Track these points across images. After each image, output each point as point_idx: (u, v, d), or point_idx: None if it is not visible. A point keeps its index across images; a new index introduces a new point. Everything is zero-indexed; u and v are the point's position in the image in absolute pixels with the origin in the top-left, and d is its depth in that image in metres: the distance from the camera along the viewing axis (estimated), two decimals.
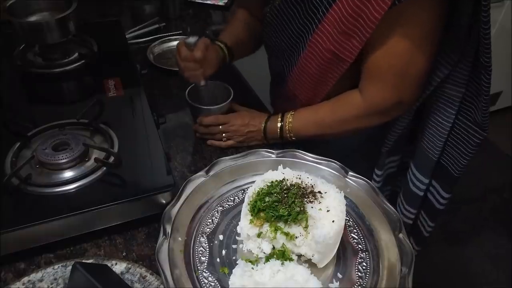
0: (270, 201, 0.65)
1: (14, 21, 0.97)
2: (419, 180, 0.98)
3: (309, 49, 0.82)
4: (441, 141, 0.89)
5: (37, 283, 0.62)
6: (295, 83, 0.91)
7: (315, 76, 0.85)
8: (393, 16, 0.70)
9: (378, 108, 0.84)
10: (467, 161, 0.87)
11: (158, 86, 1.13)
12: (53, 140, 0.78)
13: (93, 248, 0.71)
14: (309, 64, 0.84)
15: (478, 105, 0.79)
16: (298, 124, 0.90)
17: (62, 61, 1.04)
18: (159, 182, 0.75)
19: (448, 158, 0.91)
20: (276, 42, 0.92)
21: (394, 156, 1.01)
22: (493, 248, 1.92)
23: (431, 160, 0.93)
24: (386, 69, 0.78)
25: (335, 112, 0.88)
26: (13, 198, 0.70)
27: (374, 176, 1.02)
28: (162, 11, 1.46)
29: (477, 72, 0.77)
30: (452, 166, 0.91)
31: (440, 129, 0.88)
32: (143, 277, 0.63)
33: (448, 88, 0.83)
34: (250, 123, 0.92)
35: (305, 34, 0.83)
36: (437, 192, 0.97)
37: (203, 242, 0.69)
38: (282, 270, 0.60)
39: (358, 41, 0.75)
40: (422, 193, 0.99)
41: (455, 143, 0.88)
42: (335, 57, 0.80)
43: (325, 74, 0.84)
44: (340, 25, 0.75)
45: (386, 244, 0.68)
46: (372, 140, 0.98)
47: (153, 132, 0.85)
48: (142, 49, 1.26)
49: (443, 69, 0.81)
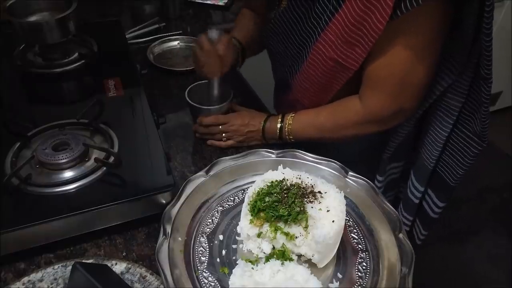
0: (270, 201, 0.65)
1: (14, 21, 0.97)
2: (415, 187, 0.98)
3: (312, 57, 0.82)
4: (437, 150, 0.89)
5: (37, 283, 0.62)
6: (299, 90, 0.90)
7: (319, 83, 0.85)
8: (395, 25, 0.70)
9: (376, 116, 0.83)
10: (464, 171, 0.87)
11: (158, 86, 1.13)
12: (53, 140, 0.78)
13: (93, 248, 0.71)
14: (313, 72, 0.84)
15: (478, 116, 0.79)
16: (298, 126, 0.90)
17: (62, 61, 1.04)
18: (159, 182, 0.75)
19: (444, 168, 0.91)
20: (279, 49, 0.92)
21: (397, 162, 1.00)
22: (493, 248, 1.91)
23: (427, 168, 0.92)
24: (386, 78, 0.78)
25: (335, 117, 0.87)
26: (13, 198, 0.70)
27: (376, 182, 1.02)
28: (162, 11, 1.46)
29: (477, 83, 0.77)
30: (448, 176, 0.90)
31: (437, 138, 0.88)
32: (143, 277, 0.63)
33: (448, 98, 0.83)
34: (250, 123, 0.92)
35: (308, 42, 0.83)
36: (432, 201, 0.97)
37: (203, 242, 0.69)
38: (282, 270, 0.60)
39: (362, 49, 0.74)
40: (417, 200, 0.99)
41: (453, 153, 0.88)
42: (338, 65, 0.79)
43: (329, 81, 0.83)
44: (343, 34, 0.75)
45: (386, 244, 0.68)
46: (374, 146, 0.98)
47: (153, 132, 0.85)
48: (142, 49, 1.26)
49: (447, 79, 0.80)
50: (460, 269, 1.83)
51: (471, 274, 1.81)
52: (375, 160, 0.99)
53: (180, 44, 1.32)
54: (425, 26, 0.72)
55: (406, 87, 0.79)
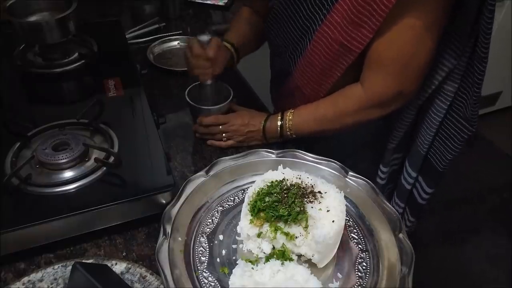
0: (270, 201, 0.65)
1: (14, 21, 0.97)
2: (409, 174, 1.00)
3: (316, 40, 0.82)
4: (430, 135, 0.91)
5: (37, 283, 0.62)
6: (300, 77, 0.90)
7: (321, 68, 0.85)
8: (401, 5, 0.70)
9: (380, 99, 0.84)
10: (453, 156, 0.89)
11: (158, 86, 1.13)
12: (53, 140, 0.78)
13: (93, 248, 0.71)
14: (316, 56, 0.84)
15: (470, 101, 0.80)
16: (298, 121, 0.90)
17: (62, 61, 1.03)
18: (159, 182, 0.75)
19: (434, 153, 0.93)
20: (282, 35, 0.92)
21: (398, 153, 1.02)
22: (492, 248, 1.91)
23: (420, 154, 0.94)
24: (389, 58, 0.79)
25: (336, 105, 0.87)
26: (13, 198, 0.70)
27: (380, 173, 1.02)
28: (162, 11, 1.46)
29: (472, 65, 0.78)
30: (437, 161, 0.92)
31: (431, 124, 0.89)
32: (143, 277, 0.63)
33: (445, 83, 0.84)
34: (250, 123, 0.92)
35: (312, 26, 0.82)
36: (421, 187, 0.99)
37: (203, 242, 0.69)
38: (282, 270, 0.60)
39: (369, 30, 0.75)
40: (409, 187, 1.01)
41: (443, 138, 0.90)
42: (342, 48, 0.79)
43: (331, 66, 0.83)
44: (350, 15, 0.75)
45: (386, 244, 0.68)
46: (377, 137, 0.99)
47: (153, 132, 0.85)
48: (142, 49, 1.26)
49: (448, 64, 0.81)
50: (460, 269, 1.83)
51: (470, 274, 1.81)
52: (378, 152, 1.00)
53: (180, 44, 1.32)
54: (428, 7, 0.72)
55: (409, 68, 0.79)
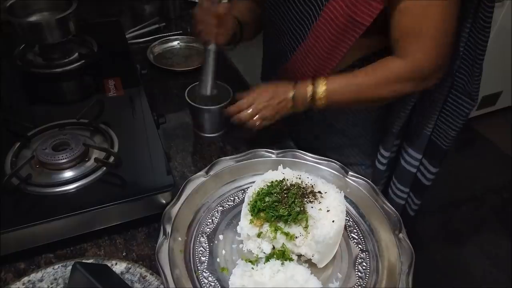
0: (270, 201, 0.65)
1: (14, 21, 0.97)
2: (412, 156, 1.01)
3: (324, 16, 0.81)
4: (435, 114, 0.93)
5: (37, 283, 0.62)
6: (303, 59, 0.88)
7: (327, 47, 0.83)
8: None
9: (422, 70, 0.82)
10: (456, 133, 0.92)
11: (158, 86, 1.13)
12: (53, 140, 0.78)
13: (93, 248, 0.71)
14: (323, 33, 0.82)
15: (472, 75, 0.83)
16: (333, 87, 0.84)
17: (62, 61, 1.03)
18: (159, 182, 0.75)
19: (438, 132, 0.95)
20: (284, 16, 0.90)
21: (397, 139, 1.03)
22: (492, 248, 1.91)
23: (426, 135, 0.96)
24: (425, 30, 0.78)
25: (375, 74, 0.84)
26: (13, 198, 0.70)
27: (380, 157, 1.02)
28: (162, 11, 1.46)
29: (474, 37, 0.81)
30: (441, 140, 0.94)
31: (435, 102, 0.91)
32: (143, 277, 0.63)
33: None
34: (276, 95, 0.86)
35: (319, 2, 0.82)
36: (425, 168, 1.01)
37: (203, 242, 0.69)
38: (282, 270, 0.60)
39: (379, 1, 0.75)
40: (414, 169, 1.02)
41: (446, 116, 0.92)
42: (350, 23, 0.78)
43: (337, 43, 0.82)
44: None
45: (386, 244, 0.68)
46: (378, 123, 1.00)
47: (153, 132, 0.85)
48: (142, 49, 1.26)
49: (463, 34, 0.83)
50: (460, 269, 1.83)
51: (471, 274, 1.81)
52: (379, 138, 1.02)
53: (180, 44, 1.31)
54: None
55: (443, 39, 0.79)
